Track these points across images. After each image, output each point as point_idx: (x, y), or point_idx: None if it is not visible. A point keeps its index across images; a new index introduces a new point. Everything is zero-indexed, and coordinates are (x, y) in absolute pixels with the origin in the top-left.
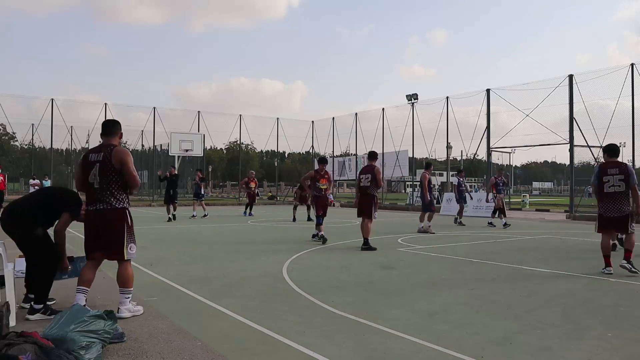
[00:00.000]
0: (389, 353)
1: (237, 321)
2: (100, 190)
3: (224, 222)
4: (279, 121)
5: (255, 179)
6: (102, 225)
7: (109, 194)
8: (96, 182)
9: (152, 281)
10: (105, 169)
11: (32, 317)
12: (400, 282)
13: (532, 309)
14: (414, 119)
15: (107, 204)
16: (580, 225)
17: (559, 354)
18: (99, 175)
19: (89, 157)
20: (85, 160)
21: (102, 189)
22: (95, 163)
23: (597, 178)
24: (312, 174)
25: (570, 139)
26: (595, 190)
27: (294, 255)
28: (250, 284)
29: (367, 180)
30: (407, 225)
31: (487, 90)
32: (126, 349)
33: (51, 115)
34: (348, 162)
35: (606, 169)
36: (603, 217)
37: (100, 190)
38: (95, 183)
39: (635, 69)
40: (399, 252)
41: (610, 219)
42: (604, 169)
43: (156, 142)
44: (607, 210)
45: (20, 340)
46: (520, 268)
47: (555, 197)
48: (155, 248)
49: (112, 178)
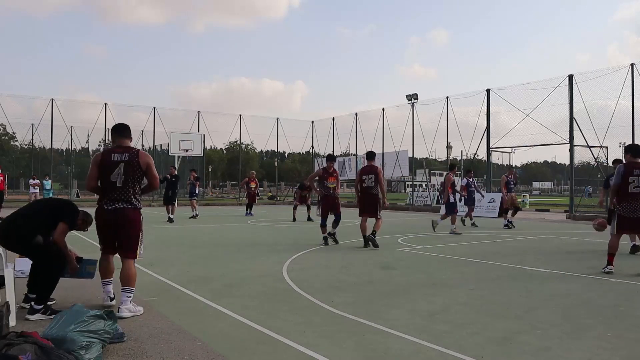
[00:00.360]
0: (389, 353)
1: (237, 321)
2: (124, 189)
3: (224, 222)
4: (279, 121)
5: (256, 179)
6: (122, 224)
7: (132, 194)
8: (119, 181)
9: (152, 281)
10: (131, 169)
11: (32, 317)
12: (400, 282)
13: (532, 309)
14: (414, 119)
15: (129, 203)
16: (580, 225)
17: (559, 354)
18: (123, 175)
19: (112, 157)
20: (107, 158)
21: (125, 188)
22: (119, 163)
23: (621, 178)
24: (321, 172)
25: (570, 139)
26: (616, 190)
27: (294, 255)
28: (250, 284)
29: (370, 181)
30: (407, 225)
31: (487, 90)
32: (126, 349)
33: (51, 115)
34: (348, 162)
35: (632, 169)
36: (625, 217)
37: (123, 190)
38: (118, 182)
39: (635, 69)
40: (399, 252)
41: (633, 219)
42: (630, 169)
43: (156, 142)
44: (632, 211)
45: (20, 340)
46: (520, 268)
47: (555, 197)
48: (155, 248)
49: (137, 179)
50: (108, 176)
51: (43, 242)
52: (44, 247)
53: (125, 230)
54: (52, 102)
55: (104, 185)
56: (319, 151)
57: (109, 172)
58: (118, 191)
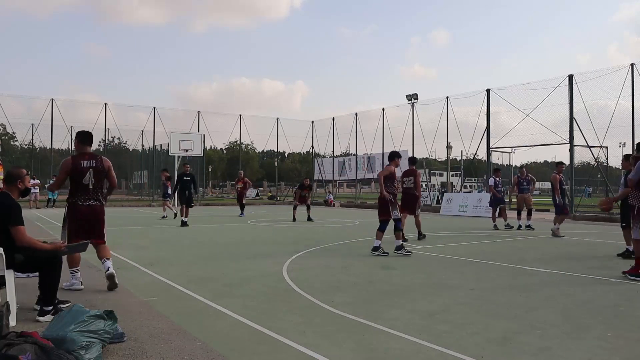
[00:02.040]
0: (389, 353)
1: (237, 321)
2: (94, 189)
3: (223, 222)
4: (278, 121)
5: (245, 179)
6: (94, 217)
7: (100, 193)
8: (91, 184)
9: (152, 281)
10: (98, 174)
11: (42, 319)
12: (400, 282)
13: (532, 309)
14: (414, 119)
15: (98, 201)
16: (581, 225)
17: (559, 354)
18: (93, 178)
19: (82, 164)
20: (78, 165)
21: (95, 189)
22: (89, 168)
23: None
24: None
25: (570, 139)
26: (634, 184)
27: (294, 255)
28: (250, 284)
29: (410, 182)
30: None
31: (487, 90)
32: (126, 349)
33: (51, 115)
34: (348, 162)
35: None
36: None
37: (94, 190)
38: (90, 184)
39: (635, 69)
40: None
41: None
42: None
43: (156, 142)
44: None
45: (20, 340)
46: (520, 268)
47: None
48: (155, 248)
49: (103, 180)
50: (81, 179)
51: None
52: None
53: (98, 222)
54: (52, 102)
55: (77, 187)
56: (319, 151)
57: (81, 176)
58: (90, 192)
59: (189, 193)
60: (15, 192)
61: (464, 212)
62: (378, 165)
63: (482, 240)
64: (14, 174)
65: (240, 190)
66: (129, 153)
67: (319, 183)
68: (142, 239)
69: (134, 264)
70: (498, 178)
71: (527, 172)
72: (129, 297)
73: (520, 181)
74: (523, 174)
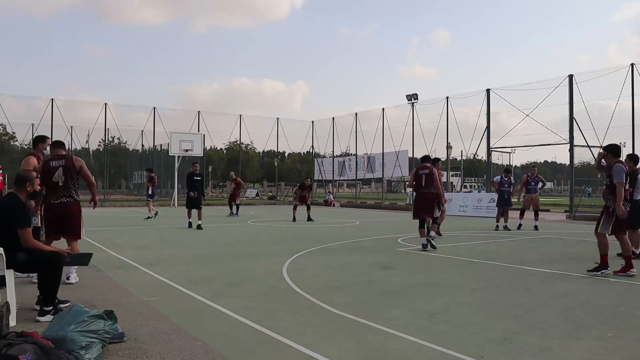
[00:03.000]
0: (389, 353)
1: (237, 321)
2: (65, 187)
3: (223, 222)
4: (278, 121)
5: (237, 179)
6: (66, 213)
7: (72, 190)
8: (60, 181)
9: (152, 281)
10: (68, 172)
11: (42, 319)
12: (400, 282)
13: (532, 309)
14: (414, 119)
15: (70, 198)
16: (581, 225)
17: (559, 354)
18: (63, 176)
19: (51, 164)
20: (47, 166)
21: (66, 186)
22: (58, 167)
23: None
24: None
25: (570, 139)
26: (612, 188)
27: (294, 255)
28: (250, 284)
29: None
30: (407, 225)
31: (487, 90)
32: (126, 349)
33: (51, 115)
34: (348, 162)
35: None
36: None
37: (64, 188)
38: (59, 182)
39: (635, 69)
40: (399, 252)
41: None
42: None
43: (156, 142)
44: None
45: (20, 340)
46: (520, 268)
47: (555, 197)
48: (155, 248)
49: (74, 178)
50: (50, 178)
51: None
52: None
53: (70, 218)
54: (52, 102)
55: (48, 186)
56: (319, 151)
57: (50, 175)
58: (61, 189)
59: (198, 194)
60: (24, 194)
61: (464, 212)
62: (378, 166)
63: (482, 240)
64: (24, 176)
65: (232, 191)
66: (129, 153)
67: (319, 183)
68: (142, 239)
69: (134, 264)
70: (507, 178)
71: (537, 173)
72: (129, 297)
73: (528, 180)
74: (534, 173)
